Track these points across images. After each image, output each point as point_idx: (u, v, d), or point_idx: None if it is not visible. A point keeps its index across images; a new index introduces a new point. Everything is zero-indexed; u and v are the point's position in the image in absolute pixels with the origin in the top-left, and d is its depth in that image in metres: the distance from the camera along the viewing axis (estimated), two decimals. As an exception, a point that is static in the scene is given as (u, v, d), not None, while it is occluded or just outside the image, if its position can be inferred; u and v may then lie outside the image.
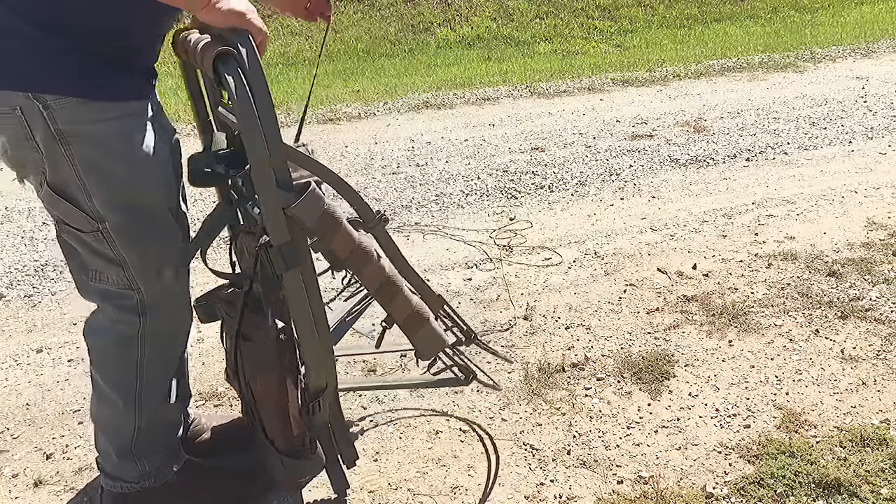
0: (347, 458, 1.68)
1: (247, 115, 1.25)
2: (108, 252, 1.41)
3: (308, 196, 1.33)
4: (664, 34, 7.70)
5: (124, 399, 1.53)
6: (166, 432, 1.65)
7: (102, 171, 1.34)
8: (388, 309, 1.51)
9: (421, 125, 4.81)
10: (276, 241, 1.35)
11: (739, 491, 1.75)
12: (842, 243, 2.99)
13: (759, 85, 5.62)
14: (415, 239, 3.18)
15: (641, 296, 2.65)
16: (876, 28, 7.54)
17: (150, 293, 1.47)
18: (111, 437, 1.58)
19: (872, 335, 2.36)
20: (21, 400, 2.15)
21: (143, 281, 1.45)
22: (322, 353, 1.49)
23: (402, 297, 1.49)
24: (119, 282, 1.44)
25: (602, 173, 3.88)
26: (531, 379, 2.18)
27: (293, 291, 1.41)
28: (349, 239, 1.41)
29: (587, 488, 1.78)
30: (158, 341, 1.52)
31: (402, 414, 2.05)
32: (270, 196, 1.31)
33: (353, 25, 7.58)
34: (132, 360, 1.51)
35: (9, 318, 2.60)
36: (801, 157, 4.06)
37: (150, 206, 1.42)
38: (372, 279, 1.46)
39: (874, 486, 1.74)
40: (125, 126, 1.35)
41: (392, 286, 1.48)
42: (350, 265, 1.45)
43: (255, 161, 1.28)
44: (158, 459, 1.63)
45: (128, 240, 1.40)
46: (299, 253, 1.38)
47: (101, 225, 1.38)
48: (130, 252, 1.41)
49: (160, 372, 1.57)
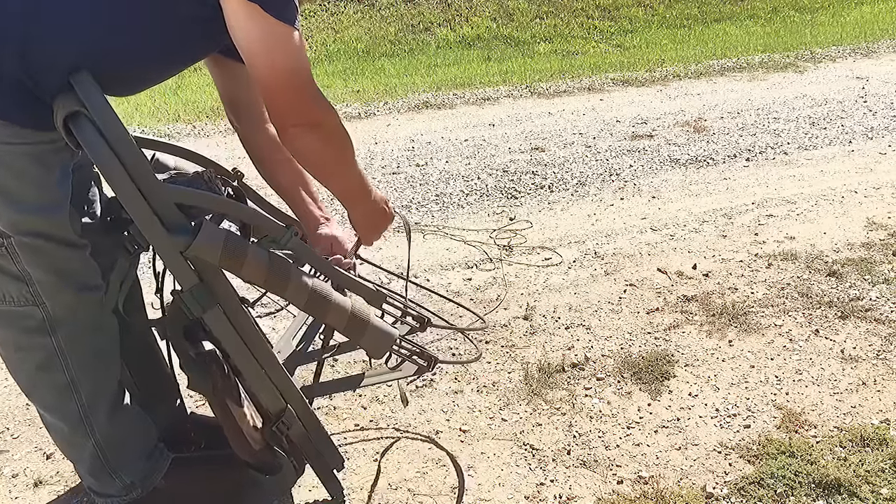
0: (335, 464, 1.66)
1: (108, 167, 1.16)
2: (10, 267, 1.32)
3: (203, 233, 1.24)
4: (664, 34, 7.69)
5: (69, 423, 1.46)
6: (135, 438, 1.56)
7: (12, 192, 1.27)
8: (324, 322, 1.46)
9: (421, 125, 4.81)
10: (185, 286, 1.28)
11: (739, 491, 1.75)
12: (842, 243, 2.99)
13: (759, 85, 5.62)
14: (415, 239, 3.18)
15: (641, 296, 2.65)
16: (876, 28, 7.54)
17: (58, 306, 1.37)
18: (77, 461, 1.53)
19: (872, 335, 2.36)
20: (21, 400, 2.15)
21: (49, 295, 1.36)
22: (271, 377, 1.44)
23: (334, 305, 1.42)
24: (20, 299, 1.35)
25: (602, 173, 3.88)
26: (531, 379, 2.18)
27: (220, 328, 1.34)
28: (259, 266, 1.32)
29: (587, 488, 1.78)
30: (83, 358, 1.43)
31: (403, 414, 2.05)
32: (163, 243, 1.24)
33: (353, 25, 7.57)
34: (61, 383, 1.42)
35: (9, 318, 2.60)
36: (801, 157, 4.06)
37: (56, 231, 1.33)
38: (296, 297, 1.38)
39: (874, 486, 1.74)
40: (40, 153, 1.28)
41: (319, 299, 1.40)
42: (269, 289, 1.37)
43: (134, 212, 1.20)
44: (139, 468, 1.56)
45: (34, 257, 1.32)
46: (213, 291, 1.31)
47: (6, 241, 1.30)
48: (37, 269, 1.33)
49: (99, 388, 1.48)
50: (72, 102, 1.19)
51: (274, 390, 1.47)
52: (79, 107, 1.18)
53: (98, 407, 1.47)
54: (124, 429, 1.54)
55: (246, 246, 1.31)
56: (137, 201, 1.20)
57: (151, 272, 1.54)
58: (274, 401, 1.48)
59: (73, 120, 1.18)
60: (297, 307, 1.41)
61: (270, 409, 1.49)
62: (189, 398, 2.02)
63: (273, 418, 1.50)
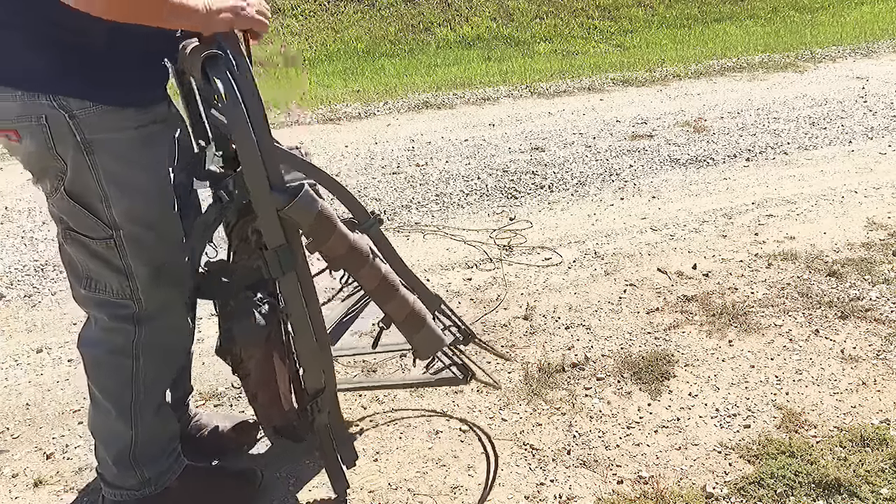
0: (347, 459, 1.68)
1: (236, 118, 1.23)
2: (115, 261, 1.40)
3: (302, 197, 1.32)
4: (664, 34, 7.69)
5: (118, 409, 1.52)
6: (165, 440, 1.63)
7: (124, 180, 1.34)
8: (385, 309, 1.50)
9: (421, 125, 4.81)
10: (271, 244, 1.33)
11: (739, 491, 1.75)
12: (842, 243, 2.99)
13: (759, 85, 5.62)
14: (415, 239, 3.18)
15: (641, 296, 2.65)
16: (876, 28, 7.54)
17: (150, 303, 1.46)
18: (108, 447, 1.57)
19: (872, 335, 2.36)
20: (21, 400, 2.15)
21: (146, 291, 1.44)
22: (319, 355, 1.48)
23: (400, 297, 1.48)
24: (120, 291, 1.43)
25: (602, 173, 3.88)
26: (531, 379, 2.18)
27: (290, 295, 1.40)
28: (344, 240, 1.39)
29: (587, 488, 1.78)
30: (154, 354, 1.51)
31: (404, 414, 2.05)
32: (264, 198, 1.30)
33: (353, 25, 7.57)
34: (126, 371, 1.49)
35: (9, 318, 2.60)
36: (801, 157, 4.06)
37: (164, 217, 1.42)
38: (368, 279, 1.45)
39: (874, 486, 1.74)
40: (148, 134, 1.35)
41: (389, 286, 1.46)
42: (346, 266, 1.44)
43: (247, 163, 1.27)
44: (159, 466, 1.62)
45: (138, 250, 1.40)
46: (295, 256, 1.37)
47: (116, 233, 1.37)
48: (138, 262, 1.41)
49: (156, 384, 1.56)
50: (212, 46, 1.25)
51: (320, 369, 1.50)
52: (219, 51, 1.24)
53: (149, 402, 1.54)
54: (161, 426, 1.60)
55: (336, 219, 1.38)
56: (252, 150, 1.26)
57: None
58: (316, 378, 1.51)
59: (212, 63, 1.24)
60: (364, 289, 1.46)
61: (310, 387, 1.52)
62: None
63: (309, 397, 1.53)
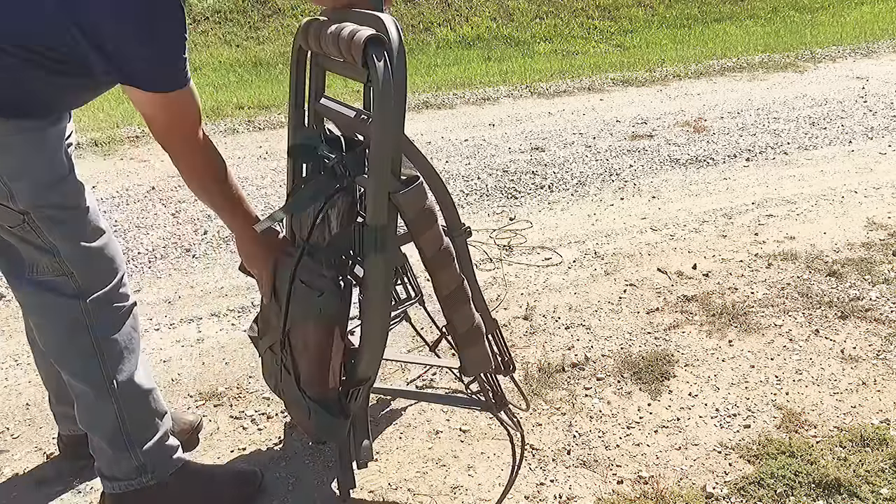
0: (362, 458, 1.68)
1: (386, 100, 1.29)
2: (37, 241, 1.46)
3: (415, 187, 1.37)
4: (664, 34, 7.69)
5: (95, 389, 1.55)
6: (155, 419, 1.63)
7: (24, 175, 1.40)
8: (451, 317, 1.51)
9: (421, 125, 4.81)
10: (371, 222, 1.37)
11: (739, 491, 1.75)
12: (842, 243, 2.99)
13: (759, 85, 5.62)
14: (415, 239, 3.18)
15: (641, 296, 2.65)
16: (876, 28, 7.54)
17: (82, 275, 1.51)
18: (99, 430, 1.59)
19: (872, 335, 2.36)
20: (21, 400, 2.15)
21: (76, 266, 1.50)
22: (378, 344, 1.50)
23: (468, 309, 1.50)
24: (52, 269, 1.49)
25: (602, 173, 3.88)
26: (531, 379, 2.18)
27: (372, 277, 1.42)
28: (439, 238, 1.43)
29: (587, 488, 1.78)
30: (101, 309, 1.55)
31: (403, 414, 2.05)
32: (381, 178, 1.35)
33: (353, 25, 7.57)
34: (87, 348, 1.53)
35: (9, 318, 2.60)
36: (801, 157, 4.06)
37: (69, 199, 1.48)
38: (446, 283, 1.47)
39: (874, 486, 1.74)
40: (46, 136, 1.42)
41: (462, 295, 1.49)
42: (431, 263, 1.45)
43: (380, 142, 1.33)
44: (154, 450, 1.61)
45: (54, 226, 1.46)
46: (389, 240, 1.41)
47: (26, 217, 1.43)
48: (59, 238, 1.47)
49: (122, 356, 1.58)
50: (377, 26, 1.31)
51: (376, 358, 1.51)
52: (383, 34, 1.29)
53: (122, 374, 1.57)
54: (144, 398, 1.62)
55: (437, 218, 1.43)
56: (388, 130, 1.32)
57: None
58: (369, 367, 1.52)
59: (374, 43, 1.29)
60: (437, 292, 1.48)
61: (361, 373, 1.53)
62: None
63: (355, 383, 1.54)
